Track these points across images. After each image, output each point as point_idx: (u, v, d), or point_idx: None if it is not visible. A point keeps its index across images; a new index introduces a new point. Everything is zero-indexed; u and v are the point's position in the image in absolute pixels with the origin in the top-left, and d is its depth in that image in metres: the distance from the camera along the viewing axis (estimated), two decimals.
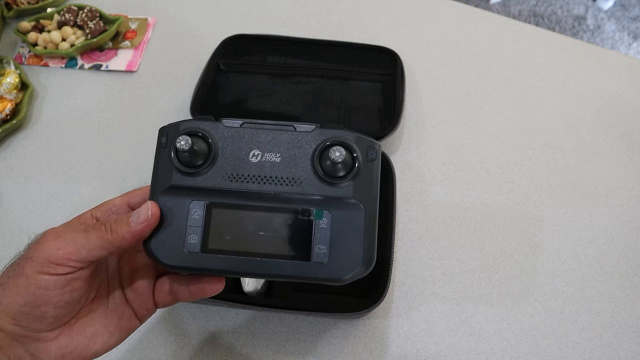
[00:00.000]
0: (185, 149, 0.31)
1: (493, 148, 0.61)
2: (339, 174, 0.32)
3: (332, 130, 0.33)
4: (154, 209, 0.31)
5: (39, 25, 0.70)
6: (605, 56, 0.70)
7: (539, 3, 1.89)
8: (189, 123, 0.33)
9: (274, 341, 0.47)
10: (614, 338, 0.48)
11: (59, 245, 0.29)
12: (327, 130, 0.33)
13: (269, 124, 0.33)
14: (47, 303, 0.29)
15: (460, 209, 0.56)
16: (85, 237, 0.30)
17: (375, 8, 0.76)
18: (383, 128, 0.58)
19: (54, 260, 0.29)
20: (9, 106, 0.61)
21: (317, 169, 0.32)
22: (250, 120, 0.33)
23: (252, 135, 0.32)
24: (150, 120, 0.63)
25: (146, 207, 0.31)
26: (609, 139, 0.62)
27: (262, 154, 0.32)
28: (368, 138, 0.33)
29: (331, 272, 0.31)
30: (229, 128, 0.33)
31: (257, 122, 0.33)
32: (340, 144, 0.32)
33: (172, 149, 0.32)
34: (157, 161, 0.33)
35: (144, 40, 0.72)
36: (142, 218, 0.31)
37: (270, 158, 0.32)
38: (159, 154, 0.33)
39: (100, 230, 0.30)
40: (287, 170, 0.32)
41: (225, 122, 0.33)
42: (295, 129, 0.33)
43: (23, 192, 0.57)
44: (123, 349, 0.47)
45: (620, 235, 0.54)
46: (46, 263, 0.29)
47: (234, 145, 0.32)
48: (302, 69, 0.65)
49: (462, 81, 0.67)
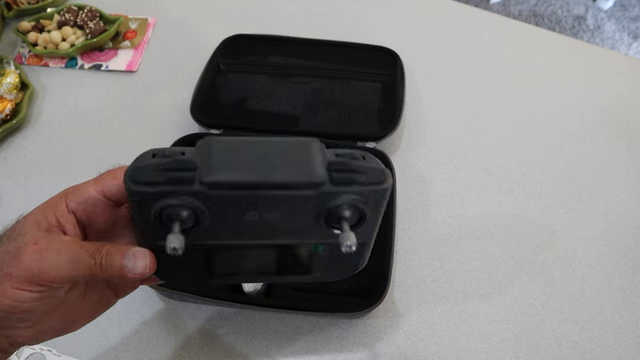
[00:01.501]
0: (165, 222, 0.27)
1: (493, 148, 0.61)
2: (344, 227, 0.28)
3: (340, 189, 0.27)
4: (152, 265, 0.29)
5: (39, 25, 0.70)
6: (605, 56, 0.70)
7: (539, 3, 1.89)
8: (163, 186, 0.26)
9: (274, 341, 0.47)
10: (614, 338, 0.48)
11: (42, 268, 0.27)
12: (335, 190, 0.27)
13: (269, 184, 0.26)
14: (24, 311, 0.28)
15: (460, 209, 0.56)
16: (71, 264, 0.27)
17: (375, 8, 0.76)
18: (383, 128, 0.58)
19: (35, 281, 0.27)
20: (9, 106, 0.61)
21: (321, 223, 0.29)
22: (244, 180, 0.26)
23: (247, 197, 0.27)
24: (150, 120, 0.63)
25: (144, 259, 0.29)
26: (609, 139, 0.62)
27: (259, 215, 0.28)
28: (381, 185, 0.28)
29: (321, 279, 0.33)
30: (216, 196, 0.26)
31: (251, 183, 0.26)
32: (352, 207, 0.28)
33: (149, 216, 0.27)
34: (135, 216, 0.28)
35: (144, 40, 0.72)
36: (139, 271, 0.28)
37: (269, 217, 0.28)
38: (135, 211, 0.28)
39: (88, 263, 0.28)
40: (288, 225, 0.29)
41: (212, 180, 0.26)
42: (296, 190, 0.27)
43: (23, 192, 0.57)
44: (123, 349, 0.47)
45: (620, 235, 0.54)
46: (26, 283, 0.27)
47: (224, 209, 0.28)
48: (302, 69, 0.65)
49: (462, 81, 0.67)
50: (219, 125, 0.58)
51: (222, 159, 0.26)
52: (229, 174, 0.26)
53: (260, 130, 0.57)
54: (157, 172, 0.26)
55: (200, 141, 0.27)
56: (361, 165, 0.28)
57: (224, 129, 0.58)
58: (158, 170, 0.26)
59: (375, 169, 0.28)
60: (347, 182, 0.27)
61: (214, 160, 0.26)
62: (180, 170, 0.26)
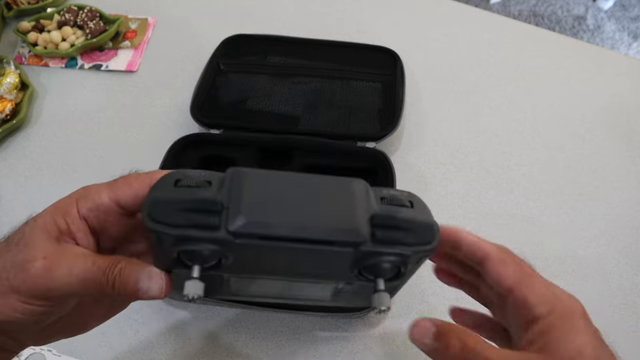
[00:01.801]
0: (184, 260, 0.25)
1: (493, 148, 0.61)
2: (379, 286, 0.26)
3: (383, 249, 0.24)
4: (167, 289, 0.27)
5: (39, 25, 0.70)
6: (605, 56, 0.70)
7: (539, 3, 1.89)
8: (184, 230, 0.23)
9: (274, 341, 0.47)
10: (614, 338, 0.48)
11: (51, 285, 0.25)
12: (376, 250, 0.24)
13: (303, 240, 0.23)
14: (34, 322, 0.27)
15: (460, 208, 0.56)
16: (82, 281, 0.26)
17: (375, 8, 0.76)
18: (383, 128, 0.58)
19: (44, 297, 0.26)
20: (9, 106, 0.61)
21: (354, 272, 0.26)
22: (275, 234, 0.23)
23: (277, 248, 0.24)
24: (150, 120, 0.63)
25: (159, 282, 0.27)
26: (609, 139, 0.62)
27: (288, 259, 0.25)
28: (429, 246, 0.25)
29: (339, 304, 0.32)
30: (243, 244, 0.23)
31: (283, 237, 0.23)
32: (392, 265, 0.25)
33: (167, 252, 0.25)
34: (152, 245, 0.26)
35: (144, 40, 0.72)
36: (153, 294, 0.27)
37: (298, 262, 0.25)
38: (152, 242, 0.25)
39: (100, 282, 0.26)
40: (318, 270, 0.26)
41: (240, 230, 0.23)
42: (333, 247, 0.23)
43: (23, 192, 0.57)
44: (123, 349, 0.47)
45: (620, 235, 0.54)
46: (34, 298, 0.26)
47: (251, 254, 0.25)
48: (302, 69, 0.65)
49: (462, 81, 0.67)
50: (219, 125, 0.58)
51: (252, 202, 0.23)
52: (259, 224, 0.23)
53: (260, 130, 0.57)
54: (179, 213, 0.23)
55: (230, 171, 0.24)
56: (409, 220, 0.25)
57: (224, 129, 0.58)
58: (180, 210, 0.23)
59: (423, 224, 0.25)
60: (391, 242, 0.24)
61: (244, 202, 0.23)
62: (204, 212, 0.23)
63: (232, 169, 0.25)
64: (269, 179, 0.24)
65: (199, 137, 0.56)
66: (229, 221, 0.23)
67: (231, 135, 0.57)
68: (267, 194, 0.23)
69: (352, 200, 0.24)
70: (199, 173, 0.25)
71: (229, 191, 0.23)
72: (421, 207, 0.26)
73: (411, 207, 0.26)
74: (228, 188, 0.24)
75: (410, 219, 0.25)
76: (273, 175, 0.25)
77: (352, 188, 0.25)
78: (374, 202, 0.25)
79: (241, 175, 0.24)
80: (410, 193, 0.27)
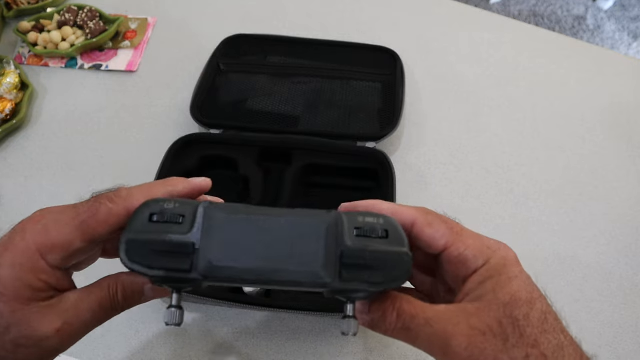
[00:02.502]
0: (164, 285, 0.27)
1: (493, 148, 0.61)
2: (347, 311, 0.27)
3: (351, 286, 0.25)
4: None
5: (39, 25, 0.70)
6: (605, 56, 0.70)
7: (539, 3, 1.89)
8: (158, 271, 0.25)
9: (274, 341, 0.47)
10: (614, 338, 0.48)
11: (70, 344, 0.26)
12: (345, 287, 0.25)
13: (271, 282, 0.25)
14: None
15: (461, 209, 0.56)
16: (100, 321, 0.27)
17: (375, 8, 0.76)
18: (383, 128, 0.58)
19: (38, 343, 0.25)
20: (9, 106, 0.61)
21: (327, 296, 0.27)
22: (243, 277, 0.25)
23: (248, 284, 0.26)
24: (150, 120, 0.63)
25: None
26: (609, 139, 0.62)
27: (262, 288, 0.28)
28: (398, 282, 0.25)
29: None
30: (215, 283, 0.25)
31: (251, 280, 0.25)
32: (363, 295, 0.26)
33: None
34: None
35: (144, 40, 0.72)
36: (157, 294, 0.28)
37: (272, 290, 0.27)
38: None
39: (111, 315, 0.27)
40: (293, 293, 0.28)
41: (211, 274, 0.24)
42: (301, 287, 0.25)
43: (23, 192, 0.57)
44: (123, 349, 0.47)
45: (620, 235, 0.54)
46: (26, 344, 0.24)
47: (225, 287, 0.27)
48: (302, 69, 0.65)
49: (462, 81, 0.67)
50: (219, 125, 0.58)
51: (222, 246, 0.24)
52: (228, 269, 0.24)
53: (260, 130, 0.57)
54: (154, 255, 0.24)
55: (202, 208, 0.25)
56: (379, 257, 0.25)
57: (224, 129, 0.58)
58: (154, 252, 0.24)
59: (394, 259, 0.25)
60: (358, 280, 0.24)
61: (214, 247, 0.24)
62: (177, 254, 0.24)
63: (204, 204, 0.25)
64: (240, 218, 0.25)
65: (199, 137, 0.56)
66: (199, 265, 0.24)
67: (231, 135, 0.57)
68: (237, 236, 0.24)
69: (321, 240, 0.25)
70: (172, 205, 0.25)
71: (200, 231, 0.25)
72: (396, 235, 0.26)
73: (386, 236, 0.25)
74: (200, 227, 0.25)
75: (381, 255, 0.25)
76: (245, 215, 0.25)
77: (322, 225, 0.25)
78: (347, 234, 0.25)
79: (213, 215, 0.25)
80: (386, 219, 0.26)
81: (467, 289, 0.26)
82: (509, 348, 0.23)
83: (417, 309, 0.25)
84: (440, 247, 0.27)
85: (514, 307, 0.24)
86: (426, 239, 0.27)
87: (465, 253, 0.26)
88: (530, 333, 0.23)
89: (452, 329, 0.24)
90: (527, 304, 0.24)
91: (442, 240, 0.27)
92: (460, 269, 0.27)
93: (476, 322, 0.23)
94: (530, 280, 0.26)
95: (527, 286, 0.25)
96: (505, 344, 0.23)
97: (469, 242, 0.27)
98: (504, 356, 0.23)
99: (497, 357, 0.23)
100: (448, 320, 0.24)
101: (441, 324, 0.24)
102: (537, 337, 0.23)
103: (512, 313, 0.23)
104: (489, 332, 0.23)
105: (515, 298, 0.24)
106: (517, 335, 0.23)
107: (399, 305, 0.25)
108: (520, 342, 0.23)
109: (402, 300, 0.26)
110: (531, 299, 0.24)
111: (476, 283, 0.25)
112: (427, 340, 0.25)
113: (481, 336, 0.23)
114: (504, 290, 0.24)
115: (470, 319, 0.24)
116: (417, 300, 0.26)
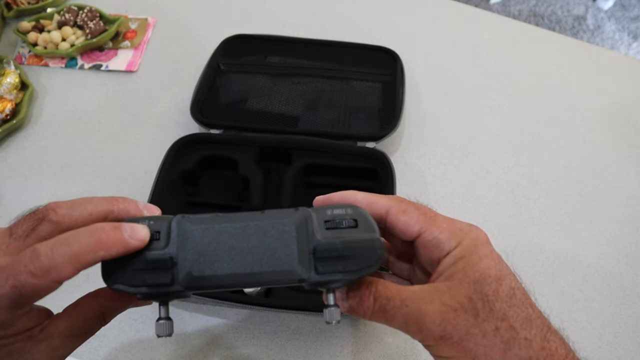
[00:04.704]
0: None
1: (493, 148, 0.61)
2: (329, 300, 0.28)
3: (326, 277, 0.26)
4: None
5: (39, 25, 0.70)
6: (605, 56, 0.70)
7: (539, 3, 1.89)
8: (141, 288, 0.25)
9: (274, 341, 0.47)
10: (614, 338, 0.48)
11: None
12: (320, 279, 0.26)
13: (249, 284, 0.26)
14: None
15: (460, 209, 0.56)
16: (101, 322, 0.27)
17: (375, 8, 0.76)
18: (383, 128, 0.58)
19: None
20: (9, 106, 0.61)
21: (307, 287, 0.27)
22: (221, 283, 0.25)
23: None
24: (150, 120, 0.63)
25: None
26: (609, 139, 0.62)
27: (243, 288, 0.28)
28: (372, 268, 0.26)
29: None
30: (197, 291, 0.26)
31: (229, 285, 0.26)
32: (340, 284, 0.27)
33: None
34: None
35: (144, 40, 0.72)
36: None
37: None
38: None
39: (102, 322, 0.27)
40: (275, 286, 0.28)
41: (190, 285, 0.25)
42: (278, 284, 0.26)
43: (23, 192, 0.57)
44: (123, 349, 0.47)
45: (620, 235, 0.54)
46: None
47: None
48: (302, 69, 0.65)
49: (462, 81, 0.67)
50: (219, 125, 0.58)
51: (199, 256, 0.25)
52: (208, 278, 0.25)
53: (260, 130, 0.57)
54: (134, 273, 0.25)
55: (175, 222, 0.26)
56: (351, 246, 0.26)
57: (224, 129, 0.58)
58: (135, 271, 0.25)
59: (366, 246, 0.26)
60: (333, 271, 0.25)
61: (190, 258, 0.25)
62: (157, 270, 0.25)
63: (177, 218, 0.26)
64: (212, 227, 0.26)
65: (199, 137, 0.56)
66: (179, 277, 0.25)
67: (231, 135, 0.57)
68: (213, 245, 0.25)
69: (293, 239, 0.26)
70: (147, 223, 0.26)
71: (176, 244, 0.26)
72: (365, 223, 0.27)
73: (355, 225, 0.26)
74: (176, 241, 0.26)
75: (352, 244, 0.26)
76: (216, 224, 0.26)
77: (291, 225, 0.26)
78: (318, 230, 0.26)
79: (186, 227, 0.26)
80: (354, 209, 0.27)
81: (440, 269, 0.27)
82: (480, 322, 0.24)
83: (392, 292, 0.26)
84: (414, 233, 0.28)
85: (483, 283, 0.25)
86: (401, 226, 0.28)
87: (439, 236, 0.27)
88: (499, 307, 0.24)
89: (425, 307, 0.25)
90: (496, 280, 0.25)
91: (417, 226, 0.28)
92: (435, 252, 0.27)
93: (448, 300, 0.25)
94: (500, 259, 0.27)
95: (497, 264, 0.26)
96: (476, 319, 0.24)
97: (442, 226, 0.28)
98: (475, 330, 0.24)
99: (468, 331, 0.24)
100: (422, 299, 0.25)
101: (415, 303, 0.25)
102: (505, 310, 0.24)
103: (481, 289, 0.25)
104: (460, 308, 0.24)
105: (484, 275, 0.25)
106: (487, 309, 0.24)
107: (375, 289, 0.26)
108: (490, 316, 0.24)
109: (378, 284, 0.27)
110: (500, 276, 0.25)
111: (448, 264, 0.26)
112: (403, 320, 0.26)
113: (453, 312, 0.24)
114: (474, 269, 0.25)
115: (443, 296, 0.25)
116: (393, 284, 0.27)
